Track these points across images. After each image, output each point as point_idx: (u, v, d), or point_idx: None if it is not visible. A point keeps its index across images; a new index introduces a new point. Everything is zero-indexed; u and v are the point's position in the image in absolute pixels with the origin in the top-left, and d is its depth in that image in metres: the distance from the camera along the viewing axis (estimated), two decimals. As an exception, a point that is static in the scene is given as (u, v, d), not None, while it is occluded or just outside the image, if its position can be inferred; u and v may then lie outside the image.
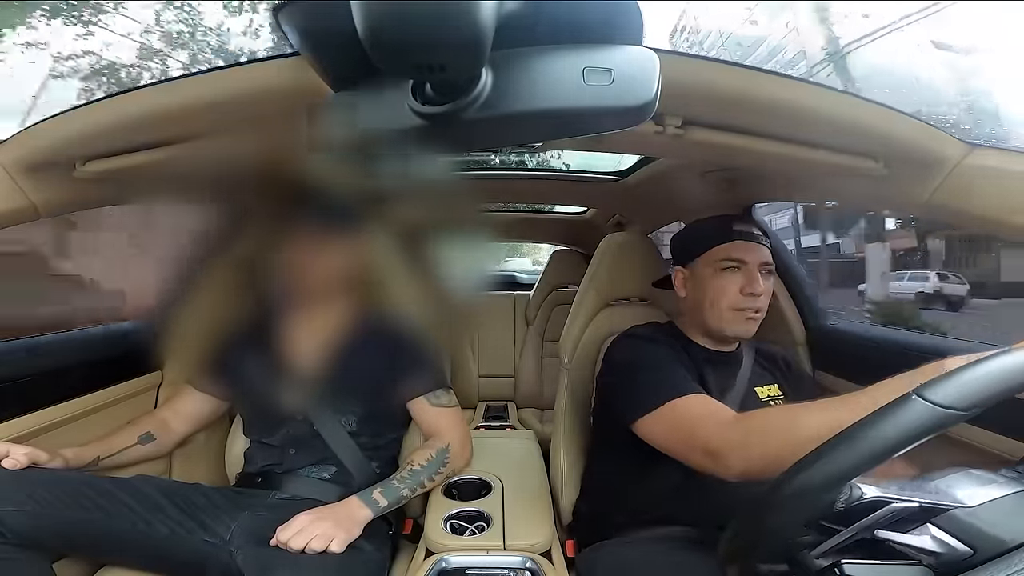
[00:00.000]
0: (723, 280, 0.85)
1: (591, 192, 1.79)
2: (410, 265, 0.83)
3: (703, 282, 0.87)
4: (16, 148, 0.69)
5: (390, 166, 0.51)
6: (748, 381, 0.89)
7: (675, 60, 0.52)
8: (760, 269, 0.85)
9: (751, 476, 0.62)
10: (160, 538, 0.81)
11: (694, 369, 0.86)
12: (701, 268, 0.88)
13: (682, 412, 0.74)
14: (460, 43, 0.30)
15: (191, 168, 0.73)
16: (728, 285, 0.84)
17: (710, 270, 0.86)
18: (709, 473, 0.68)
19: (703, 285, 0.87)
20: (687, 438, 0.72)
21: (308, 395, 0.95)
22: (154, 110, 0.62)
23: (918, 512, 0.41)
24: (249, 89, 0.57)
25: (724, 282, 0.85)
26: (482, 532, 0.87)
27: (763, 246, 0.87)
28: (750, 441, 0.64)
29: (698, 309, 0.89)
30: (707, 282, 0.86)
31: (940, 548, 0.40)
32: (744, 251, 0.85)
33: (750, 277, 0.84)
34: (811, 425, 0.58)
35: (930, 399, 0.37)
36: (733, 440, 0.66)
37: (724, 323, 0.86)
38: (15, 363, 0.90)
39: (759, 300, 0.85)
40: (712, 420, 0.70)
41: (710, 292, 0.86)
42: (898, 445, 0.38)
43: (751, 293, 0.83)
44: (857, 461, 0.39)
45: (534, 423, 1.94)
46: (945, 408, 0.36)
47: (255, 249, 0.88)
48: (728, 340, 0.90)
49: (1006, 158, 0.62)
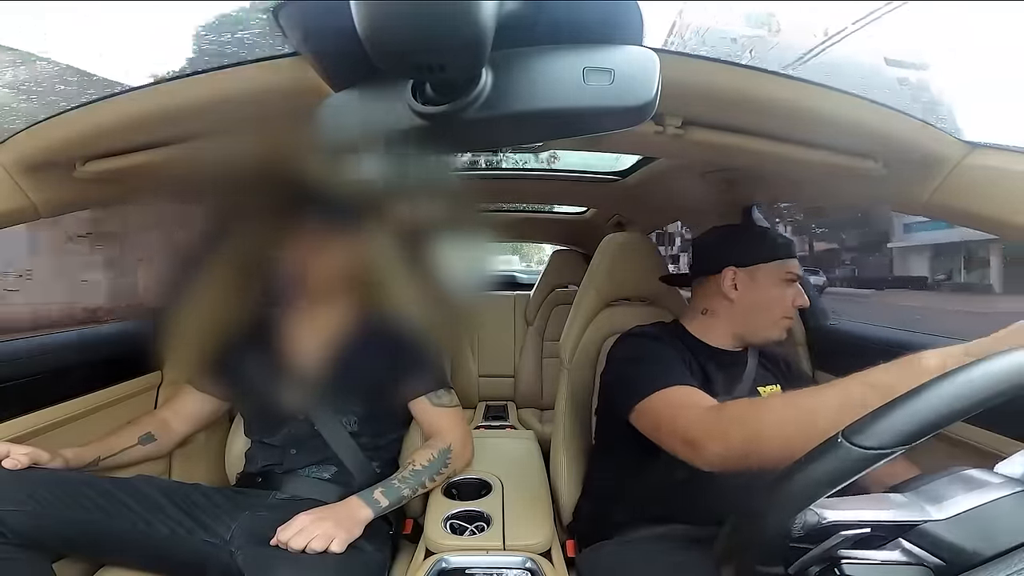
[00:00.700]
0: (785, 292, 0.91)
1: (591, 192, 1.79)
2: (410, 265, 0.83)
3: (764, 289, 0.90)
4: (16, 148, 0.69)
5: (390, 166, 0.51)
6: (752, 381, 0.91)
7: (675, 60, 0.52)
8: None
9: (729, 465, 0.64)
10: (160, 538, 0.81)
11: (699, 368, 0.87)
12: (764, 276, 0.91)
13: (668, 401, 0.76)
14: (460, 43, 0.30)
15: (191, 168, 0.73)
16: (787, 297, 0.91)
17: (775, 280, 0.90)
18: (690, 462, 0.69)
19: (763, 292, 0.90)
20: (670, 426, 0.73)
21: (309, 395, 0.95)
22: (154, 110, 0.62)
23: (887, 528, 0.41)
24: (249, 89, 0.57)
25: (786, 294, 0.91)
26: (482, 532, 0.87)
27: None
28: (726, 430, 0.65)
29: (746, 311, 0.91)
30: (770, 290, 0.90)
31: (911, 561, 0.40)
32: (798, 269, 0.93)
33: (799, 292, 0.92)
34: (775, 415, 0.62)
35: (856, 443, 0.39)
36: (711, 429, 0.67)
37: (772, 328, 0.91)
38: (15, 363, 0.90)
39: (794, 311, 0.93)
40: (693, 409, 0.71)
41: (770, 300, 0.90)
42: (829, 485, 0.40)
43: (800, 306, 0.91)
44: (790, 505, 0.41)
45: (534, 423, 1.94)
46: (869, 449, 0.38)
47: (255, 249, 0.88)
48: (749, 343, 0.94)
49: (1006, 158, 0.62)
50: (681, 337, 0.93)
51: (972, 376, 0.39)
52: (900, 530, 0.41)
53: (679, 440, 0.70)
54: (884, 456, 0.38)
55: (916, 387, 0.40)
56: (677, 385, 0.77)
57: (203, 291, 0.85)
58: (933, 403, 0.38)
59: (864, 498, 0.44)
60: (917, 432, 0.38)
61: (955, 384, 0.39)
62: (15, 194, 0.71)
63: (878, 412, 0.40)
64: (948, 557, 0.39)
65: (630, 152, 1.24)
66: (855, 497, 0.44)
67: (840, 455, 0.39)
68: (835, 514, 0.42)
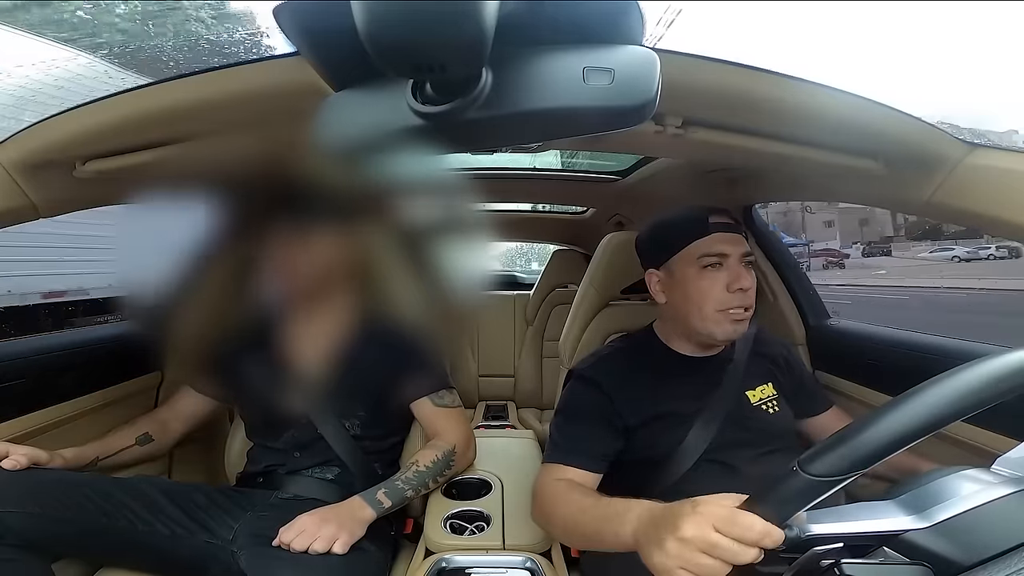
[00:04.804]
0: (706, 279, 0.78)
1: (591, 192, 1.78)
2: (410, 265, 0.83)
3: (684, 284, 0.81)
4: (16, 148, 0.69)
5: (390, 166, 0.51)
6: (739, 385, 0.85)
7: (675, 60, 0.52)
8: (742, 261, 0.79)
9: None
10: (161, 539, 0.81)
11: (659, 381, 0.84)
12: (680, 268, 0.81)
13: (549, 474, 0.79)
14: (460, 43, 0.30)
15: (191, 168, 0.73)
16: (712, 284, 0.78)
17: (691, 270, 0.80)
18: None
19: (684, 287, 0.81)
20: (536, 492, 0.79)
21: (312, 399, 0.95)
22: (154, 110, 0.62)
23: (870, 538, 0.42)
24: (249, 89, 0.57)
25: (708, 282, 0.78)
26: (482, 532, 0.87)
27: (741, 236, 0.81)
28: (542, 511, 0.76)
29: (681, 314, 0.82)
30: (689, 283, 0.80)
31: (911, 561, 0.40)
32: (724, 243, 0.78)
33: (735, 272, 0.78)
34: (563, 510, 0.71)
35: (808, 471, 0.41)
36: (537, 508, 0.77)
37: (712, 326, 0.79)
38: (15, 363, 0.90)
39: (747, 296, 0.78)
40: (547, 486, 0.76)
41: (693, 294, 0.79)
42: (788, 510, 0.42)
43: (739, 289, 0.77)
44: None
45: (534, 423, 1.94)
46: (821, 478, 0.40)
47: (255, 249, 0.88)
48: (717, 344, 0.85)
49: (1007, 158, 0.62)
50: (648, 350, 0.89)
51: (915, 404, 0.40)
52: (882, 540, 0.42)
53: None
54: (836, 483, 0.40)
55: (868, 414, 0.41)
56: (559, 464, 0.79)
57: (202, 292, 0.85)
58: (881, 431, 0.40)
59: (849, 508, 0.45)
60: (864, 460, 0.39)
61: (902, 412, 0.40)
62: (15, 194, 0.71)
63: (829, 442, 0.41)
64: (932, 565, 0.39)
65: (630, 152, 1.24)
66: (839, 508, 0.45)
67: (795, 483, 0.41)
68: (818, 527, 0.43)
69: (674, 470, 0.80)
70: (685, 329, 0.85)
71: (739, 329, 0.80)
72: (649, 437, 0.81)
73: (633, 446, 0.82)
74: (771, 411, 0.86)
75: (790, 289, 1.24)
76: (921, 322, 7.37)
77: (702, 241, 0.79)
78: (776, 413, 0.86)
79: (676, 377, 0.85)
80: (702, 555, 0.45)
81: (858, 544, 0.42)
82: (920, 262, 22.87)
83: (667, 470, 0.80)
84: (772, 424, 0.85)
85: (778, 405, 0.87)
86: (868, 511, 0.44)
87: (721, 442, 0.80)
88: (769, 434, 0.84)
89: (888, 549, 0.41)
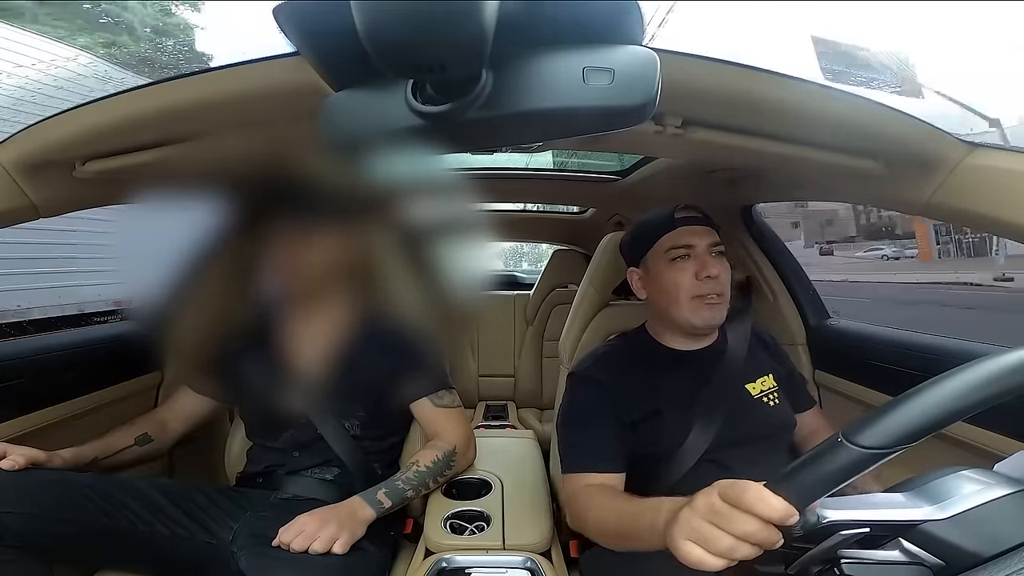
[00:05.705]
0: (676, 270, 0.84)
1: (591, 192, 1.78)
2: (409, 265, 0.83)
3: (658, 278, 0.86)
4: (16, 148, 0.69)
5: (390, 166, 0.51)
6: (738, 377, 0.86)
7: (675, 60, 0.52)
8: (710, 251, 0.84)
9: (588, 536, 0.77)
10: (161, 539, 0.81)
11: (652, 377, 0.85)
12: (653, 264, 0.87)
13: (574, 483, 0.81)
14: (460, 43, 0.30)
15: (191, 168, 0.73)
16: (681, 274, 0.83)
17: (662, 264, 0.85)
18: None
19: (658, 281, 0.86)
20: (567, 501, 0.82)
21: (311, 399, 0.95)
22: (154, 110, 0.62)
23: (888, 527, 0.41)
24: (249, 89, 0.57)
25: (677, 272, 0.83)
26: (482, 532, 0.87)
27: (708, 228, 0.86)
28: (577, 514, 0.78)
29: (661, 307, 0.87)
30: (662, 276, 0.85)
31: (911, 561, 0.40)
32: (690, 235, 0.84)
33: (702, 261, 0.83)
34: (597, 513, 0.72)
35: (856, 443, 0.39)
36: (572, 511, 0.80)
37: (688, 314, 0.83)
38: (15, 363, 0.90)
39: (717, 283, 0.83)
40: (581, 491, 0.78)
41: (666, 285, 0.84)
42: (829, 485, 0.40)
43: (707, 276, 0.82)
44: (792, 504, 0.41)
45: (534, 423, 1.95)
46: (869, 449, 0.38)
47: (254, 249, 0.88)
48: (701, 333, 0.88)
49: (1006, 158, 0.62)
50: (640, 347, 0.91)
51: (969, 377, 0.39)
52: (900, 530, 0.41)
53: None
54: (884, 456, 0.38)
55: (916, 387, 0.40)
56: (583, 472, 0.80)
57: (202, 292, 0.85)
58: (930, 404, 0.38)
59: (864, 497, 0.44)
60: (915, 432, 0.38)
61: (953, 384, 0.39)
62: (15, 194, 0.71)
63: (878, 412, 0.40)
64: (948, 557, 0.39)
65: (630, 152, 1.24)
66: (855, 497, 0.44)
67: (840, 455, 0.39)
68: (835, 514, 0.42)
69: (675, 469, 0.80)
70: (668, 321, 0.89)
71: (716, 314, 0.84)
72: (650, 433, 0.82)
73: (635, 442, 0.83)
74: (771, 403, 0.87)
75: (790, 289, 1.24)
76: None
77: (669, 235, 0.85)
78: (776, 405, 0.87)
79: (670, 371, 0.87)
80: (708, 525, 0.44)
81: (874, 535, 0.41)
82: (856, 260, 25.02)
83: (669, 468, 0.80)
84: (773, 416, 0.86)
85: (778, 397, 0.88)
86: (881, 501, 0.43)
87: (722, 441, 0.80)
88: (770, 426, 0.85)
89: (904, 540, 0.41)
